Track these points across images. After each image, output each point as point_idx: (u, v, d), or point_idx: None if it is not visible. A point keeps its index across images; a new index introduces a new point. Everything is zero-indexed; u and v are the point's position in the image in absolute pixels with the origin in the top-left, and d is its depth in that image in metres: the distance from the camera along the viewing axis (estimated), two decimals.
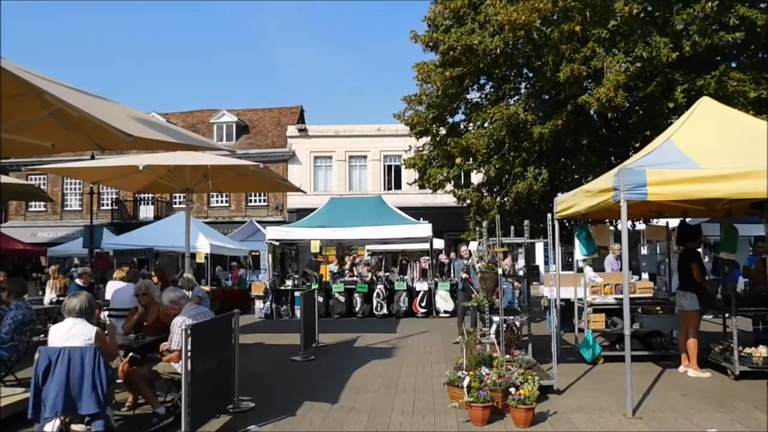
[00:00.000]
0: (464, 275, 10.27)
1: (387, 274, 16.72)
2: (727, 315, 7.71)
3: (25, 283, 7.30)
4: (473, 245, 14.34)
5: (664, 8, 10.20)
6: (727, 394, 6.19)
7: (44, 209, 31.60)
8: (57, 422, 4.54)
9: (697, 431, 4.99)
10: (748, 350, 6.92)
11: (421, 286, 14.95)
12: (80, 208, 31.18)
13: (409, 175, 21.58)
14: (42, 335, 8.33)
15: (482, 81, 12.79)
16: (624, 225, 5.61)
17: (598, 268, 10.05)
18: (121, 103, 5.00)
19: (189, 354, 4.61)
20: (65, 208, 31.70)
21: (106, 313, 7.60)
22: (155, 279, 11.30)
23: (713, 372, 7.15)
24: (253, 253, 23.20)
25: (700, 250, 7.82)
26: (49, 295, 11.13)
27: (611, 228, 10.98)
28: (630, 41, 9.79)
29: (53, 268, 12.13)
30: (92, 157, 16.82)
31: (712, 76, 9.46)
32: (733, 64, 10.56)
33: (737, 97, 9.27)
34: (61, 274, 12.00)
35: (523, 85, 12.66)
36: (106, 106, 4.60)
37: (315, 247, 15.99)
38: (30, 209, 31.72)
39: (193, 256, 13.90)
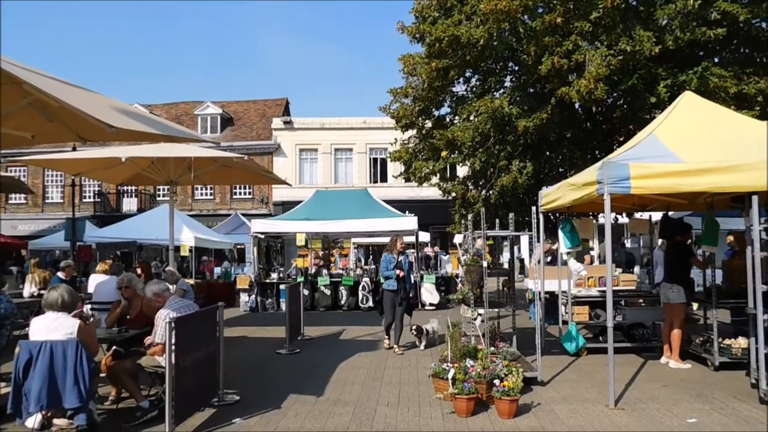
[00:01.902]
0: (399, 273, 8.65)
1: (373, 267, 16.70)
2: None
3: (4, 276, 7.18)
4: (458, 238, 14.39)
5: (647, 3, 10.27)
6: (706, 385, 6.30)
7: (25, 201, 31.12)
8: (39, 416, 4.50)
9: (677, 420, 5.08)
10: (727, 341, 7.05)
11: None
12: (62, 201, 30.73)
13: (394, 168, 21.61)
14: (23, 329, 8.20)
15: (468, 74, 12.78)
16: (607, 218, 5.66)
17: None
18: (103, 94, 4.92)
19: (173, 347, 4.58)
20: (46, 201, 31.24)
21: (89, 306, 7.52)
22: (139, 272, 11.18)
23: (694, 363, 7.27)
24: (238, 246, 23.07)
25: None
26: (29, 289, 10.96)
27: (594, 221, 11.07)
28: (613, 34, 9.84)
29: (33, 261, 11.94)
30: (74, 149, 16.58)
31: (694, 72, 9.56)
32: (716, 60, 10.67)
33: (719, 93, 9.37)
34: (39, 268, 11.79)
35: (508, 78, 12.68)
36: (88, 96, 4.53)
37: (300, 240, 15.93)
38: (10, 201, 31.20)
39: (177, 249, 13.80)
